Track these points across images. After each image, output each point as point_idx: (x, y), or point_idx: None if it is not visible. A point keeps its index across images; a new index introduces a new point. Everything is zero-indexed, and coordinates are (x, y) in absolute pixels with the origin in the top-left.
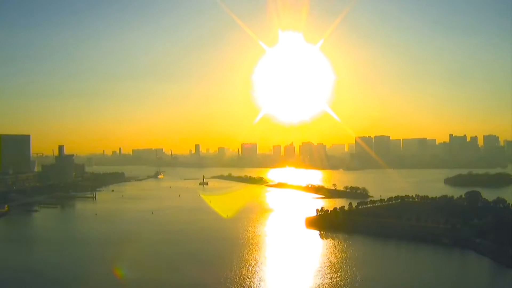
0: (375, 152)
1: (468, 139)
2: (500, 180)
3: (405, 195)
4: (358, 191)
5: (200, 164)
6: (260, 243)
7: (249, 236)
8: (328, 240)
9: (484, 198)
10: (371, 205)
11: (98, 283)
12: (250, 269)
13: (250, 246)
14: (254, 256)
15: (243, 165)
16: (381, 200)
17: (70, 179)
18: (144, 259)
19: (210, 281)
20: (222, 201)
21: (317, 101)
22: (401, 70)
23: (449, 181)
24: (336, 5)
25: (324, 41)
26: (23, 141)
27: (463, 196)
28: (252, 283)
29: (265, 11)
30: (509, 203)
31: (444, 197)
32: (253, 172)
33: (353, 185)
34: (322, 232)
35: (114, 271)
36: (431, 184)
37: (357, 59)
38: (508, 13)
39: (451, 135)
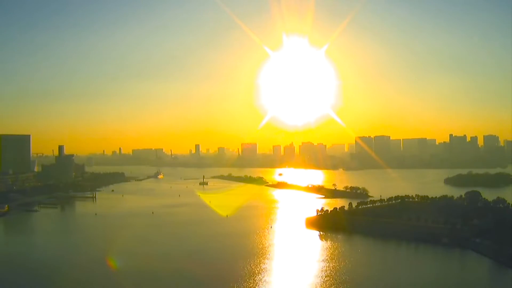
0: (375, 152)
1: (468, 139)
2: (500, 180)
3: (405, 195)
4: (358, 191)
5: (200, 164)
6: (259, 243)
7: (248, 236)
8: (328, 240)
9: (484, 198)
10: (371, 205)
11: (97, 283)
12: (248, 268)
13: (248, 246)
14: (253, 256)
15: (243, 165)
16: (381, 200)
17: (70, 179)
18: (144, 258)
19: (209, 281)
20: (222, 201)
21: (321, 105)
22: (403, 72)
23: (449, 181)
24: (341, 9)
25: (329, 45)
26: (23, 141)
27: (463, 196)
28: (250, 283)
29: (270, 15)
30: (509, 203)
31: (444, 197)
32: (253, 172)
33: (353, 185)
34: (322, 232)
35: (111, 267)
36: (431, 184)
37: (361, 62)
38: (509, 13)
39: (451, 135)
